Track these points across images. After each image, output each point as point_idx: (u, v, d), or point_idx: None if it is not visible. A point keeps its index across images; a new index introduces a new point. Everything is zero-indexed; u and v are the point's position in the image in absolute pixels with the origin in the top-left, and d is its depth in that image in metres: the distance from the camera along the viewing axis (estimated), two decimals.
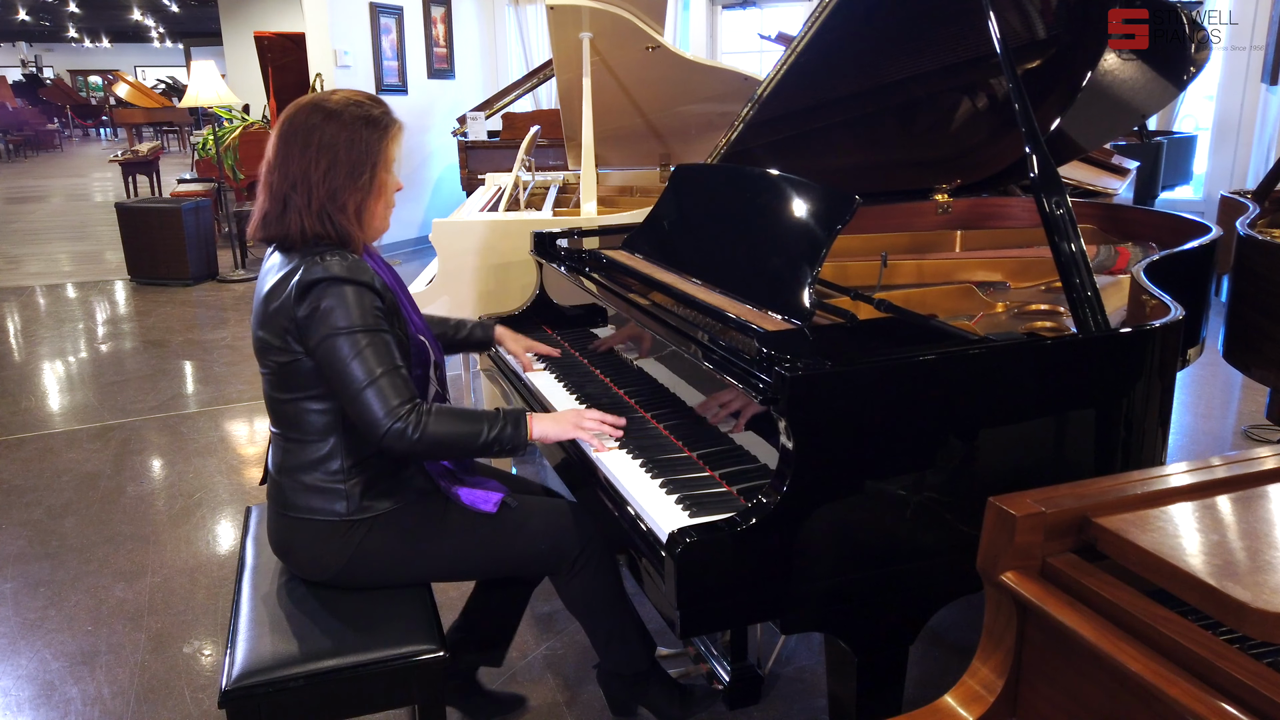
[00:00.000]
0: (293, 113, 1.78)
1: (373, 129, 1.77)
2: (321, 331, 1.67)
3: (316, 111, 1.76)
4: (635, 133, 4.17)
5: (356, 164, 1.75)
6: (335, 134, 1.74)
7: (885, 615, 1.60)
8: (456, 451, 1.78)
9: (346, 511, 1.79)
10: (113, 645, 2.65)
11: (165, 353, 5.57)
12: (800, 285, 1.83)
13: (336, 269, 1.68)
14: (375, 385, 1.66)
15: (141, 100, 21.29)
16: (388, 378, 1.67)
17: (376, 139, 1.78)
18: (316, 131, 1.74)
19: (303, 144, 1.74)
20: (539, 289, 2.81)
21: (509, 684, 2.45)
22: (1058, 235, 1.72)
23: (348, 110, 1.76)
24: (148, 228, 7.27)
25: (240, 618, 1.80)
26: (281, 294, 1.71)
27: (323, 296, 1.67)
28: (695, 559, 1.42)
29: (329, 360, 1.68)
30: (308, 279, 1.68)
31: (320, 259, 1.69)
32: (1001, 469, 1.62)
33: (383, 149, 1.79)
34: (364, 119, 1.77)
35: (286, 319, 1.71)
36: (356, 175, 1.75)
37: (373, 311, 1.70)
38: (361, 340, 1.67)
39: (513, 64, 9.53)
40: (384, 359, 1.68)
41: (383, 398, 1.66)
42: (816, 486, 1.48)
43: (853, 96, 2.79)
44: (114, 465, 3.92)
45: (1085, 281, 1.68)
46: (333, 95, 1.80)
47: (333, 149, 1.74)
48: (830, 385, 1.46)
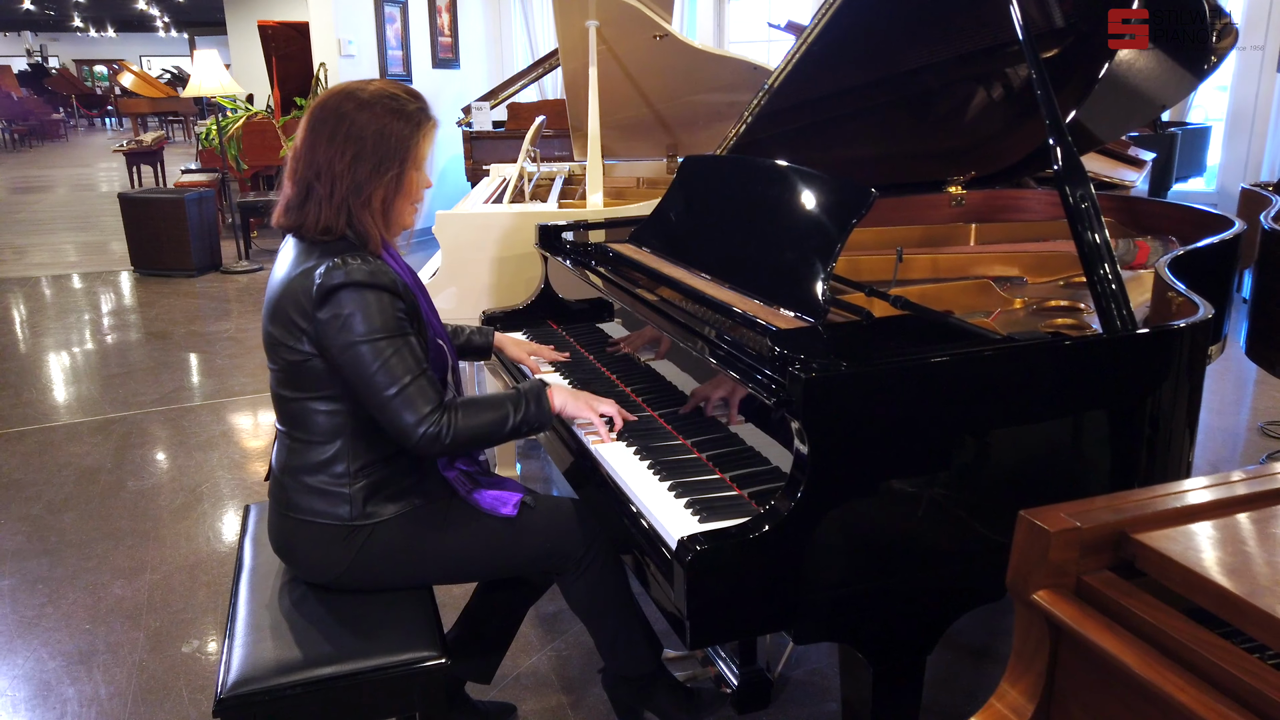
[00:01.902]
0: (325, 99, 1.72)
1: (405, 123, 1.70)
2: (344, 338, 1.62)
3: (349, 100, 1.69)
4: (641, 123, 4.11)
5: (384, 158, 1.69)
6: (365, 124, 1.67)
7: (903, 624, 1.55)
8: (488, 442, 1.76)
9: (350, 516, 1.74)
10: (111, 644, 2.61)
11: (168, 345, 5.53)
12: (814, 281, 1.77)
13: (359, 274, 1.62)
14: (403, 394, 1.63)
15: (146, 90, 21.24)
16: (415, 384, 1.64)
17: (408, 133, 1.71)
18: (346, 120, 1.68)
19: (330, 132, 1.68)
20: (544, 283, 2.75)
21: (512, 685, 2.41)
22: (1083, 229, 1.66)
23: (380, 101, 1.70)
24: (151, 218, 7.22)
25: (237, 621, 1.76)
26: (298, 292, 1.65)
27: (345, 302, 1.62)
28: (706, 568, 1.36)
29: (354, 368, 1.63)
30: (330, 284, 1.62)
31: (343, 262, 1.63)
32: (1025, 473, 1.56)
33: (413, 144, 1.72)
34: (396, 111, 1.70)
35: (303, 319, 1.66)
36: (383, 170, 1.69)
37: (395, 316, 1.65)
38: (386, 348, 1.62)
39: (518, 53, 9.45)
40: (410, 364, 1.64)
41: (412, 406, 1.63)
42: (832, 492, 1.42)
43: (865, 86, 2.72)
44: (115, 459, 3.87)
45: (1111, 278, 1.61)
46: (369, 85, 1.73)
47: (360, 140, 1.67)
48: (847, 387, 1.40)
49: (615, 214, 3.07)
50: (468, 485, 1.86)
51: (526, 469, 3.69)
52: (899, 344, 1.62)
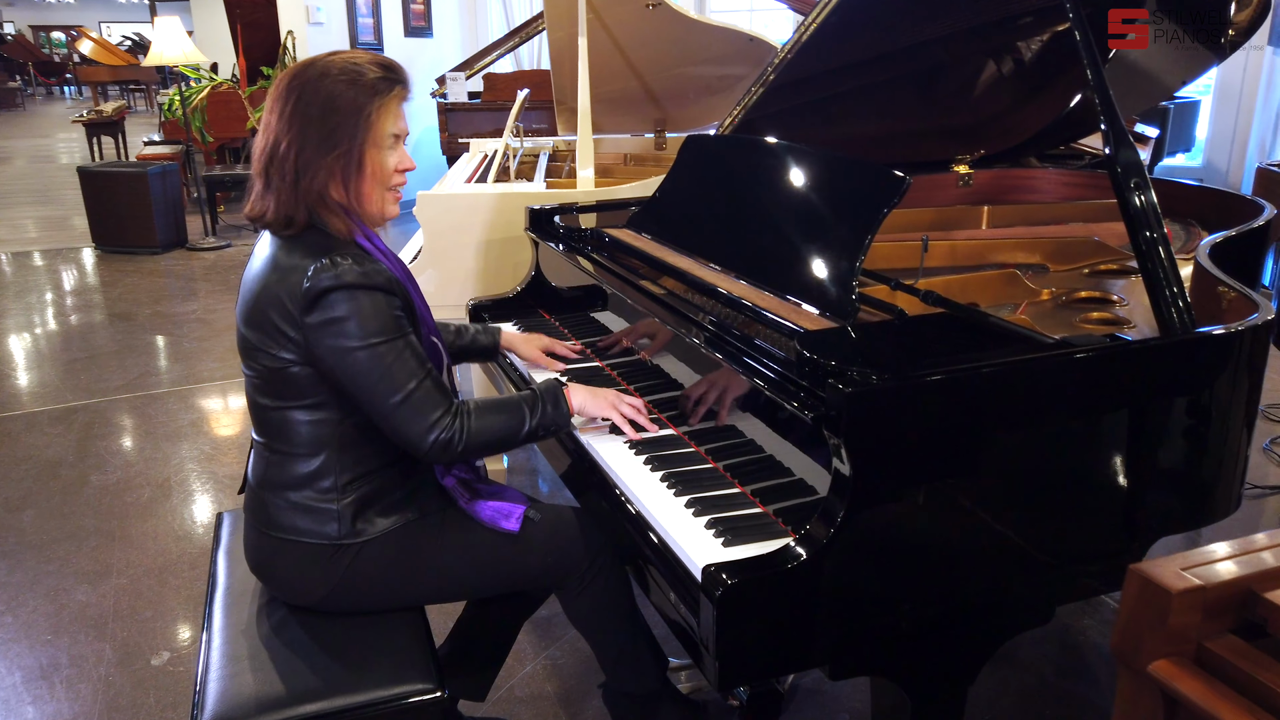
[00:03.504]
0: (288, 72, 1.55)
1: (359, 90, 1.50)
2: (340, 345, 1.47)
3: (308, 70, 1.52)
4: (629, 96, 3.92)
5: (331, 131, 1.49)
6: (313, 95, 1.50)
7: (947, 654, 1.42)
8: (501, 446, 1.65)
9: (338, 534, 1.58)
10: (74, 657, 2.44)
11: (133, 326, 5.29)
12: (842, 276, 1.62)
13: (350, 275, 1.46)
14: (410, 400, 1.50)
15: (106, 58, 20.59)
16: (421, 388, 1.51)
17: (362, 102, 1.50)
18: (296, 94, 1.50)
19: (281, 108, 1.51)
20: (535, 269, 2.58)
21: (505, 698, 2.27)
22: (1140, 223, 1.52)
23: (340, 71, 1.51)
24: (113, 193, 6.93)
25: (213, 649, 1.60)
26: (279, 293, 1.48)
27: (337, 306, 1.46)
28: (740, 603, 1.22)
29: (352, 377, 1.49)
30: (319, 286, 1.45)
31: (332, 263, 1.46)
32: (1084, 487, 1.43)
33: (366, 115, 1.51)
34: (350, 79, 1.50)
35: (287, 324, 1.49)
36: (328, 146, 1.50)
37: (392, 315, 1.50)
38: (386, 353, 1.48)
39: (494, 22, 9.18)
40: (413, 368, 1.51)
41: (419, 412, 1.51)
42: (877, 515, 1.28)
43: (870, 61, 2.57)
44: (77, 452, 3.67)
45: (1170, 275, 1.48)
46: (339, 54, 1.55)
47: (306, 114, 1.49)
48: (897, 400, 1.26)
49: (609, 195, 2.90)
50: (466, 495, 1.71)
51: (512, 459, 3.53)
52: (941, 348, 1.48)
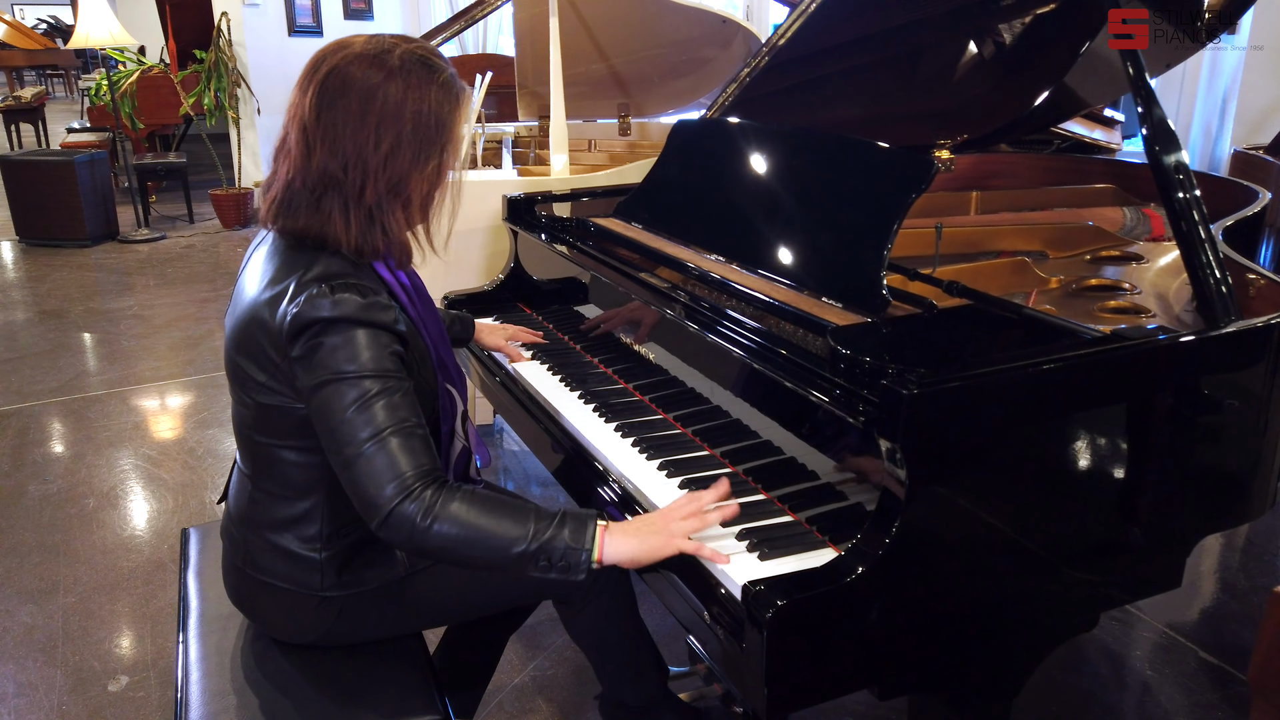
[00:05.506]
0: (333, 62, 1.30)
1: (445, 95, 1.32)
2: (319, 375, 1.25)
3: (372, 66, 1.29)
4: (593, 79, 3.80)
5: (425, 142, 1.31)
6: (401, 100, 1.28)
7: (995, 667, 1.34)
8: (475, 555, 1.24)
9: (321, 586, 1.43)
10: (23, 685, 2.26)
11: (64, 324, 5.01)
12: (869, 267, 1.53)
13: (348, 308, 1.24)
14: (381, 445, 1.22)
15: (21, 41, 19.64)
16: (399, 437, 1.23)
17: (449, 109, 1.33)
18: (377, 95, 1.27)
19: (360, 110, 1.27)
20: (514, 261, 2.45)
21: (495, 713, 2.15)
22: (1181, 214, 1.45)
23: (412, 68, 1.30)
24: (37, 183, 6.57)
25: (190, 685, 1.46)
26: (268, 317, 1.29)
27: (326, 334, 1.24)
28: (792, 625, 1.13)
29: (322, 410, 1.25)
30: (310, 316, 1.24)
31: (329, 290, 1.25)
32: (1130, 486, 1.36)
33: (454, 122, 1.34)
34: (434, 82, 1.31)
35: (277, 354, 1.30)
36: (424, 159, 1.32)
37: (389, 356, 1.27)
38: (371, 386, 1.23)
39: (436, 5, 8.94)
40: (399, 415, 1.24)
41: (390, 464, 1.21)
42: (935, 524, 1.19)
43: (854, 43, 2.50)
44: (12, 460, 3.44)
45: (1213, 263, 1.42)
46: (379, 41, 1.32)
47: (399, 121, 1.28)
48: (960, 402, 1.17)
49: (586, 182, 2.78)
50: None
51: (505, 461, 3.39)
52: (987, 343, 1.40)
